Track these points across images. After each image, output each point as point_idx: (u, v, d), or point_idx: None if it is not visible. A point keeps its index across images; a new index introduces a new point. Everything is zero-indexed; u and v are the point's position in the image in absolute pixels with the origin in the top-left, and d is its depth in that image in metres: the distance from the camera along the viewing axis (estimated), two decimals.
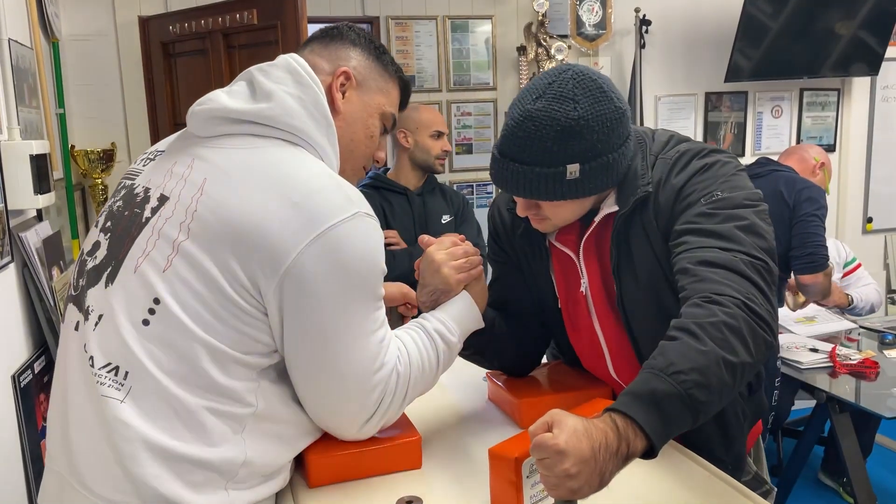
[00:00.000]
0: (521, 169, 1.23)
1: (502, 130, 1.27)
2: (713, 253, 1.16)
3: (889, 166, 4.37)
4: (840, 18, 3.83)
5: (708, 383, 1.02)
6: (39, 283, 1.66)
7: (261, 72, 1.19)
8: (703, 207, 1.22)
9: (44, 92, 2.27)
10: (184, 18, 2.96)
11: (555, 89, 1.21)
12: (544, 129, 1.20)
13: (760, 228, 1.20)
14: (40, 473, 1.54)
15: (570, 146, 1.21)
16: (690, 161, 1.28)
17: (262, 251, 1.03)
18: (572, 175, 1.23)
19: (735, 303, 1.09)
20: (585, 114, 1.20)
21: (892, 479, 3.31)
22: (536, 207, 1.31)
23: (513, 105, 1.28)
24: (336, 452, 1.20)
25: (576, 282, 1.40)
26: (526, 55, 3.69)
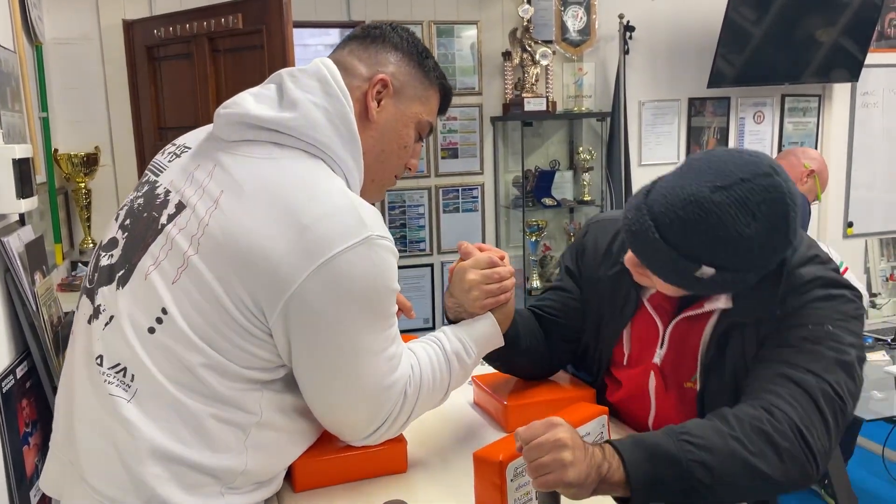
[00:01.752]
0: (659, 243, 1.14)
1: (665, 189, 1.15)
2: (799, 373, 1.13)
3: (869, 171, 4.43)
4: (821, 25, 3.88)
5: (713, 466, 1.01)
6: (22, 288, 1.65)
7: (291, 76, 1.15)
8: (808, 332, 1.17)
9: (27, 95, 2.26)
10: (168, 22, 2.95)
11: (743, 190, 1.09)
12: (707, 226, 1.10)
13: (855, 372, 1.15)
14: (22, 479, 1.53)
15: (721, 255, 1.12)
16: (816, 287, 1.20)
17: (266, 276, 1.01)
18: (702, 275, 1.15)
19: (790, 425, 1.07)
20: (756, 235, 1.10)
21: (873, 481, 3.35)
22: (645, 268, 1.23)
23: (690, 170, 1.15)
24: (321, 456, 1.20)
25: (650, 349, 1.35)
26: (511, 60, 3.70)
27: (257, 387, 1.08)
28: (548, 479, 0.94)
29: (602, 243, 1.44)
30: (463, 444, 1.33)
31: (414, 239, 3.83)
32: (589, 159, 3.88)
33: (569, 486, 0.94)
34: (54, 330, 1.78)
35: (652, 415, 1.37)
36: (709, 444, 1.02)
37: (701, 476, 1.01)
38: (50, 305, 1.80)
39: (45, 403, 1.69)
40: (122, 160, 3.20)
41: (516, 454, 1.03)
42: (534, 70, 3.67)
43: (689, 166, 1.17)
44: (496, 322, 1.29)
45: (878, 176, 4.45)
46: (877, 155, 4.44)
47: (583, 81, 3.91)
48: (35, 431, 1.64)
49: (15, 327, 1.67)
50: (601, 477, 0.97)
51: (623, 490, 1.00)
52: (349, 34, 1.25)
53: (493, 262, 1.29)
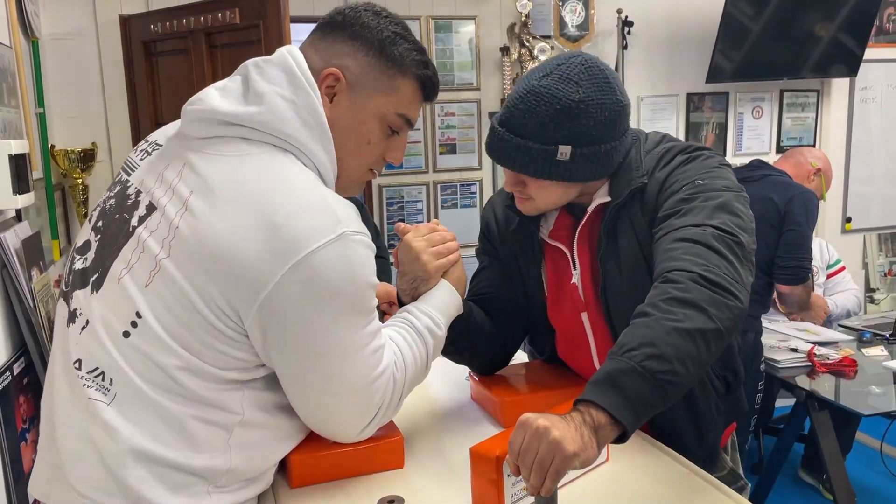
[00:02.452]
0: (516, 141, 1.26)
1: (505, 102, 1.30)
2: (685, 231, 1.19)
3: (868, 167, 4.42)
4: (820, 20, 3.88)
5: (661, 353, 1.03)
6: (19, 284, 1.64)
7: (256, 68, 1.12)
8: (683, 194, 1.26)
9: (23, 91, 2.25)
10: (165, 17, 2.94)
11: (562, 70, 1.25)
12: (544, 105, 1.23)
13: (736, 208, 1.22)
14: (20, 476, 1.53)
15: (566, 127, 1.24)
16: (675, 156, 1.33)
17: (239, 278, 1.00)
18: (563, 156, 1.26)
19: (690, 276, 1.11)
20: (586, 98, 1.24)
21: (871, 476, 3.35)
22: (523, 185, 1.33)
23: (519, 81, 1.31)
24: (318, 453, 1.20)
25: (567, 275, 1.42)
26: (509, 55, 3.70)
27: (237, 386, 1.07)
28: (556, 467, 0.93)
29: (499, 212, 1.53)
30: (459, 440, 1.33)
31: None
32: None
33: (574, 457, 0.94)
34: (51, 326, 1.78)
35: (591, 340, 1.42)
36: (644, 340, 1.04)
37: (658, 368, 1.02)
38: (47, 302, 1.79)
39: None
40: (119, 156, 3.20)
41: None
42: (532, 65, 3.66)
43: (517, 80, 1.33)
44: (451, 286, 1.32)
45: (877, 171, 4.45)
46: (875, 150, 4.43)
47: None
48: (32, 428, 1.64)
49: (12, 324, 1.67)
50: (592, 428, 0.98)
51: (614, 428, 1.00)
52: (319, 21, 1.20)
53: (432, 227, 1.35)
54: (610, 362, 1.05)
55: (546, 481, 0.94)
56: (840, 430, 2.78)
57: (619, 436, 1.02)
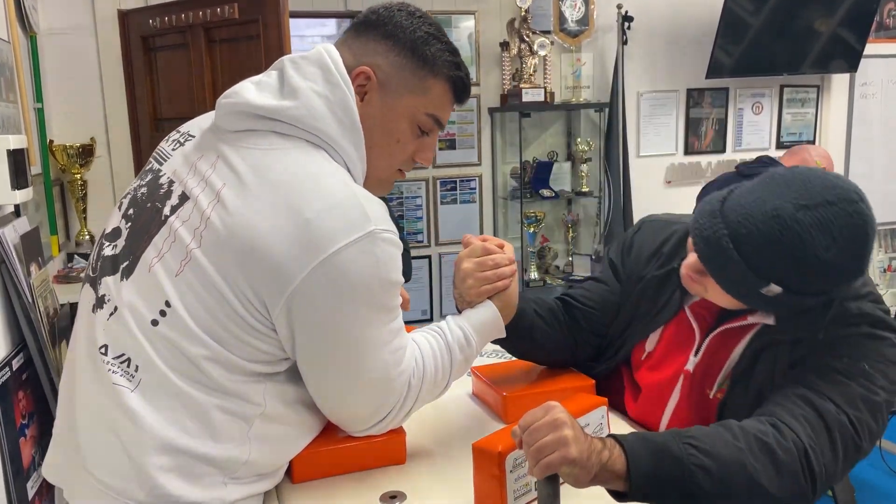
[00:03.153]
0: (731, 253, 1.11)
1: (742, 198, 1.12)
2: (822, 402, 1.11)
3: (867, 162, 4.42)
4: (820, 16, 3.87)
5: (713, 472, 1.01)
6: (17, 279, 1.64)
7: (293, 64, 1.13)
8: (843, 364, 1.14)
9: (21, 86, 2.24)
10: (164, 12, 2.93)
11: (827, 213, 1.06)
12: (786, 244, 1.07)
13: (879, 414, 1.14)
14: (19, 471, 1.53)
15: (793, 275, 1.10)
16: (862, 325, 1.17)
17: (268, 271, 1.01)
18: (768, 293, 1.12)
19: (796, 442, 1.06)
20: (833, 260, 1.07)
21: (870, 472, 3.36)
22: (703, 275, 1.19)
23: (773, 183, 1.11)
24: (320, 448, 1.20)
25: (682, 355, 1.33)
26: (509, 51, 3.69)
27: (261, 379, 1.08)
28: (551, 459, 0.93)
29: (652, 243, 1.44)
30: (462, 436, 1.33)
31: (412, 231, 3.82)
32: (587, 150, 3.87)
33: (573, 463, 0.93)
34: (50, 322, 1.77)
35: (665, 421, 1.36)
36: (712, 451, 1.02)
37: (701, 481, 1.00)
38: (46, 297, 1.79)
39: (41, 395, 1.68)
40: (118, 151, 3.19)
41: (515, 445, 1.02)
42: (532, 61, 3.65)
43: (772, 180, 1.13)
44: (496, 310, 1.28)
45: (876, 167, 4.45)
46: (875, 146, 4.43)
47: (581, 72, 3.90)
48: (31, 423, 1.63)
49: (11, 319, 1.66)
50: (602, 463, 0.97)
51: (622, 483, 0.99)
52: (356, 19, 1.20)
53: (488, 249, 1.28)
54: (668, 437, 1.03)
55: (536, 467, 0.95)
56: None
57: (617, 492, 1.01)
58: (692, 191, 4.15)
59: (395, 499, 1.14)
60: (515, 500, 1.10)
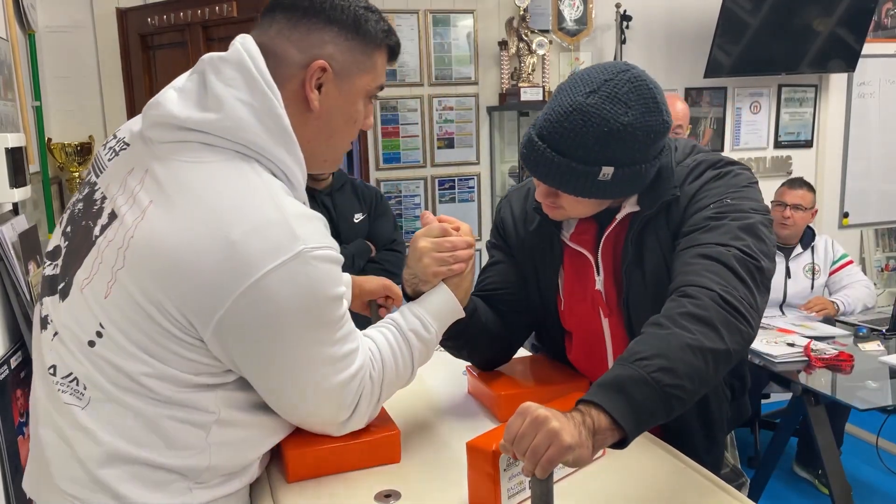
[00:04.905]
0: (557, 159, 1.22)
1: (545, 113, 1.24)
2: (708, 248, 1.19)
3: (865, 162, 4.42)
4: (818, 15, 3.87)
5: (673, 367, 1.04)
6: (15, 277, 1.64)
7: (213, 68, 1.06)
8: (710, 211, 1.25)
9: (20, 84, 2.25)
10: (162, 10, 2.93)
11: (610, 88, 1.20)
12: (591, 126, 1.19)
13: (761, 232, 1.22)
14: (17, 469, 1.53)
15: (611, 149, 1.21)
16: (706, 170, 1.31)
17: (193, 294, 0.97)
18: (604, 177, 1.23)
19: (709, 295, 1.11)
20: (635, 121, 1.20)
21: (867, 471, 3.37)
22: (555, 196, 1.30)
23: (562, 91, 1.25)
24: (314, 447, 1.20)
25: (589, 280, 1.40)
26: (507, 50, 3.69)
27: (210, 388, 1.06)
28: (549, 455, 0.93)
29: (516, 208, 1.52)
30: (456, 434, 1.34)
31: (409, 229, 3.82)
32: None
33: (569, 449, 0.94)
34: None
35: (609, 346, 1.41)
36: (658, 351, 1.05)
37: (668, 381, 1.03)
38: None
39: None
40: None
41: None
42: (530, 59, 3.65)
43: (559, 89, 1.26)
44: (450, 292, 1.27)
45: (874, 166, 4.45)
46: (873, 145, 4.43)
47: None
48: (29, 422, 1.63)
49: (9, 317, 1.67)
50: (591, 430, 0.98)
51: (614, 433, 1.00)
52: (273, 2, 1.11)
53: (445, 230, 1.28)
54: (619, 368, 1.05)
55: (537, 468, 0.95)
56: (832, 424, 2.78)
57: (617, 442, 1.02)
58: None
59: (390, 498, 1.14)
60: (509, 498, 1.10)
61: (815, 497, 3.25)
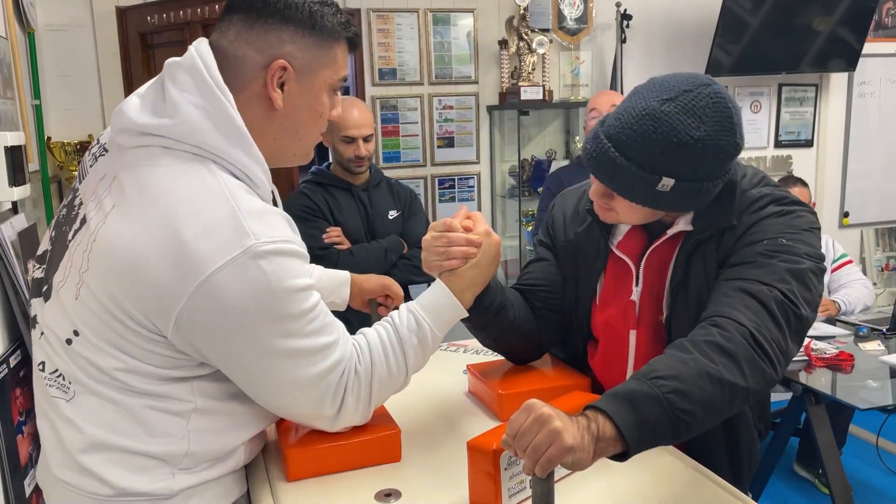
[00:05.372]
0: (619, 160, 1.20)
1: (617, 112, 1.22)
2: (750, 284, 1.17)
3: (865, 162, 4.42)
4: (818, 14, 3.87)
5: (687, 391, 1.03)
6: (14, 276, 1.64)
7: (169, 74, 1.09)
8: (762, 247, 1.22)
9: (19, 83, 2.24)
10: (162, 9, 2.93)
11: (688, 99, 1.17)
12: (660, 134, 1.16)
13: (809, 280, 1.19)
14: (16, 468, 1.53)
15: (676, 161, 1.18)
16: (769, 204, 1.28)
17: (150, 294, 1.00)
18: (663, 187, 1.20)
19: (740, 330, 1.10)
20: (706, 137, 1.17)
21: (867, 470, 3.36)
22: (609, 197, 1.28)
23: (637, 93, 1.22)
24: (315, 446, 1.20)
25: (626, 290, 1.39)
26: (507, 49, 3.69)
27: (186, 379, 1.09)
28: (550, 455, 0.93)
29: (568, 208, 1.52)
30: (457, 434, 1.33)
31: None
32: None
33: (570, 451, 0.93)
34: None
35: (631, 358, 1.40)
36: (676, 373, 1.05)
37: (680, 405, 1.02)
38: None
39: None
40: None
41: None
42: (530, 59, 3.65)
43: (634, 92, 1.23)
44: (444, 287, 1.26)
45: (874, 166, 4.45)
46: (873, 145, 4.43)
47: (579, 70, 3.89)
48: (29, 421, 1.63)
49: (8, 316, 1.66)
50: (594, 437, 0.97)
51: (617, 444, 1.00)
52: (231, 2, 1.12)
53: (449, 225, 1.29)
54: (634, 382, 1.05)
55: (536, 467, 0.94)
56: (833, 424, 2.78)
57: (618, 454, 1.02)
58: None
59: (391, 497, 1.14)
60: (510, 497, 1.10)
61: (815, 497, 3.25)
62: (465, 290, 1.28)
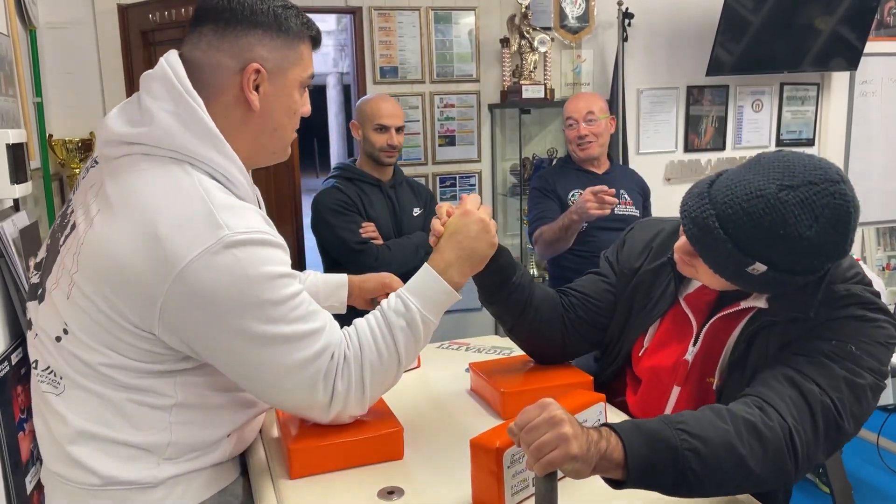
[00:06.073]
0: (717, 231, 1.14)
1: (731, 180, 1.15)
2: (805, 382, 1.14)
3: (866, 161, 4.42)
4: (820, 13, 3.87)
5: (705, 456, 1.03)
6: (16, 273, 1.64)
7: (144, 85, 1.16)
8: (829, 347, 1.17)
9: (21, 80, 2.24)
10: (164, 7, 2.93)
11: (810, 193, 1.09)
12: (768, 221, 1.10)
13: (864, 396, 1.15)
14: (17, 465, 1.53)
15: (776, 252, 1.13)
16: (852, 305, 1.20)
17: (134, 291, 1.06)
18: (753, 271, 1.15)
19: (781, 425, 1.09)
20: (815, 237, 1.10)
21: (868, 470, 3.36)
22: (693, 257, 1.23)
23: (760, 164, 1.15)
24: (317, 443, 1.20)
25: (681, 345, 1.36)
26: (509, 47, 3.68)
27: (170, 374, 1.13)
28: (552, 457, 0.93)
29: (643, 238, 1.49)
30: (460, 432, 1.33)
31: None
32: None
33: (574, 459, 0.94)
34: None
35: (669, 409, 1.37)
36: (703, 435, 1.04)
37: (693, 465, 1.02)
38: None
39: None
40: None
41: (513, 441, 1.03)
42: (532, 57, 3.65)
43: (757, 162, 1.16)
44: (428, 266, 1.27)
45: (876, 165, 4.45)
46: (875, 144, 4.43)
47: (581, 69, 3.89)
48: (30, 418, 1.63)
49: (9, 314, 1.66)
50: (601, 453, 0.98)
51: (619, 471, 1.00)
52: (198, 14, 1.18)
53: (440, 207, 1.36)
54: (661, 424, 1.04)
55: (537, 465, 0.95)
56: None
57: (614, 480, 1.02)
58: None
59: (393, 494, 1.14)
60: (513, 495, 1.10)
61: (815, 496, 3.25)
62: (448, 268, 1.27)
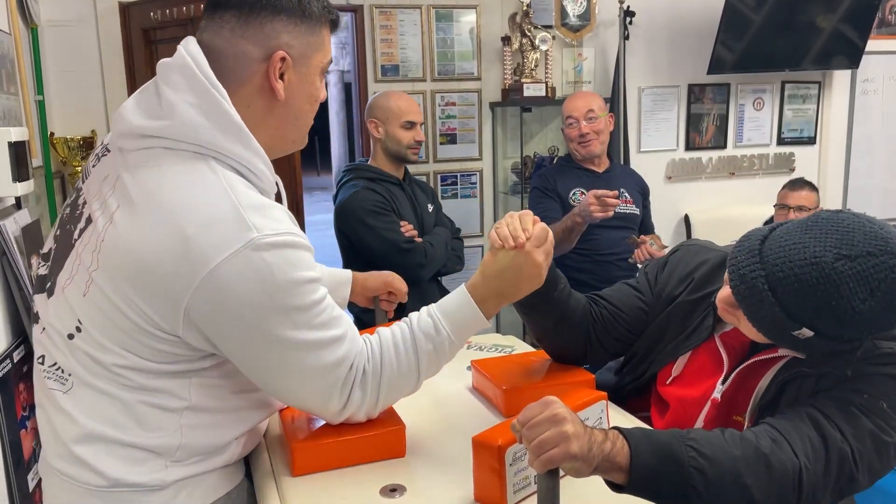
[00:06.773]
0: (765, 293, 1.11)
1: (786, 241, 1.11)
2: (828, 428, 1.12)
3: (868, 159, 4.42)
4: (821, 12, 3.86)
5: (710, 476, 1.03)
6: (18, 271, 1.64)
7: (162, 75, 1.11)
8: (859, 399, 1.14)
9: (22, 78, 2.24)
10: (165, 5, 2.93)
11: (867, 265, 1.05)
12: (821, 290, 1.06)
13: (885, 454, 1.14)
14: (20, 462, 1.53)
15: (826, 321, 1.09)
16: (890, 364, 1.18)
17: (158, 290, 1.03)
18: (799, 335, 1.12)
19: (793, 463, 1.07)
20: (867, 311, 1.06)
21: None
22: (736, 309, 1.20)
23: (818, 227, 1.10)
24: (320, 441, 1.20)
25: (710, 381, 1.34)
26: (510, 45, 3.68)
27: (185, 375, 1.11)
28: (552, 455, 0.93)
29: (686, 265, 1.46)
30: (462, 429, 1.33)
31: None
32: None
33: (573, 458, 0.94)
34: None
35: None
36: (712, 455, 1.04)
37: (696, 483, 1.02)
38: None
39: None
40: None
41: (515, 439, 1.03)
42: (533, 55, 3.64)
43: (815, 224, 1.12)
44: (468, 295, 1.22)
45: (877, 163, 4.45)
46: (876, 142, 4.43)
47: (582, 67, 3.89)
48: (32, 415, 1.63)
49: (11, 311, 1.66)
50: (604, 454, 0.98)
51: (621, 475, 1.00)
52: (216, 2, 1.13)
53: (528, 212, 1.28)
54: (671, 437, 1.04)
55: (536, 462, 0.95)
56: None
57: (615, 483, 1.02)
58: (693, 186, 4.15)
59: (395, 492, 1.14)
60: (515, 493, 1.10)
61: None
62: (487, 300, 1.23)
